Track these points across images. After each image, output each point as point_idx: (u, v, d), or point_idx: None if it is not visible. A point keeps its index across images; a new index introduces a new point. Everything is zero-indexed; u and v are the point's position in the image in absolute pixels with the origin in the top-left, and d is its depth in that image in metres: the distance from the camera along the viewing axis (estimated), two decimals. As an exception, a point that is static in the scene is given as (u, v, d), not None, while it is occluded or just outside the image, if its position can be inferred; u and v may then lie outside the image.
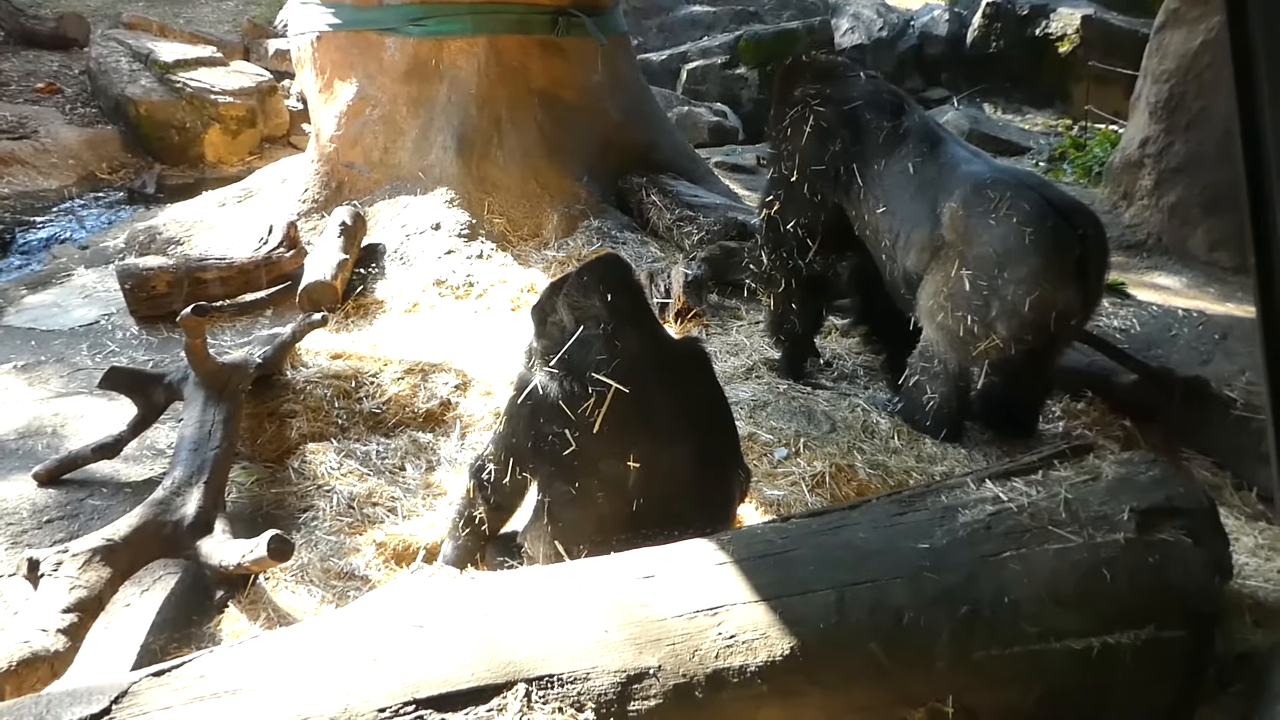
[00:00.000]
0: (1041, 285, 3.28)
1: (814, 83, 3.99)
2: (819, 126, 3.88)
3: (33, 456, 3.76)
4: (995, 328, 3.39)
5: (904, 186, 3.69)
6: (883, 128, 3.79)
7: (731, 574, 2.13)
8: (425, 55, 5.98)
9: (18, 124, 9.35)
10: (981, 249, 3.39)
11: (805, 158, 3.93)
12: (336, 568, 3.05)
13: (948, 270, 3.47)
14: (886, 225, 3.75)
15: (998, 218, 3.34)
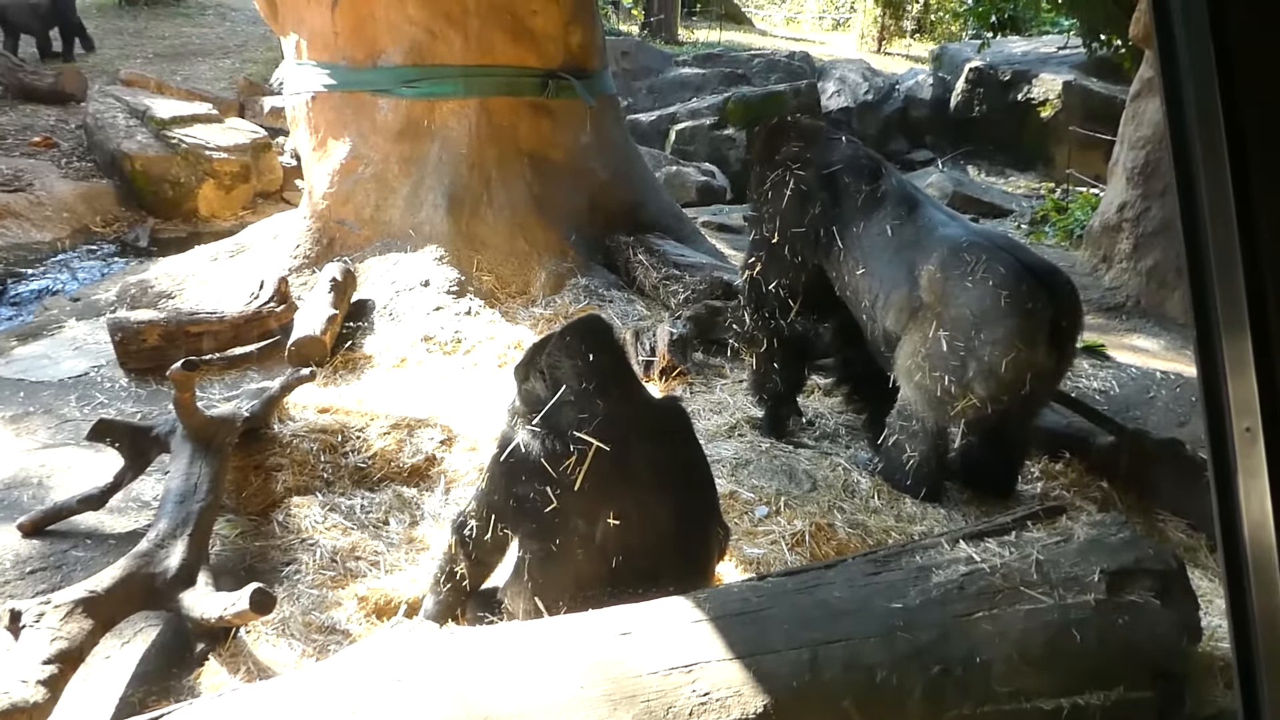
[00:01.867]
0: (1016, 347, 3.36)
1: (794, 145, 4.10)
2: (799, 190, 3.98)
3: (18, 507, 3.77)
4: (972, 388, 3.46)
5: (883, 249, 3.78)
6: (861, 191, 3.89)
7: (707, 632, 2.16)
8: (417, 116, 6.09)
9: (13, 177, 9.44)
10: (958, 310, 3.47)
11: (786, 220, 4.02)
12: (318, 621, 3.06)
13: (925, 331, 3.55)
14: (866, 286, 3.83)
15: (974, 280, 3.43)
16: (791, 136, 4.19)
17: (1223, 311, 1.18)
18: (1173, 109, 1.19)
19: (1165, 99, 1.19)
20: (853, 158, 4.02)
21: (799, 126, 4.32)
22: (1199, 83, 1.15)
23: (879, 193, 3.88)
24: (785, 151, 4.11)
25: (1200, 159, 1.16)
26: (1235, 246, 1.15)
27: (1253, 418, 1.17)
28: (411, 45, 6.05)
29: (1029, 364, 3.39)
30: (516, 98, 6.18)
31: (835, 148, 4.08)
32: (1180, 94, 1.18)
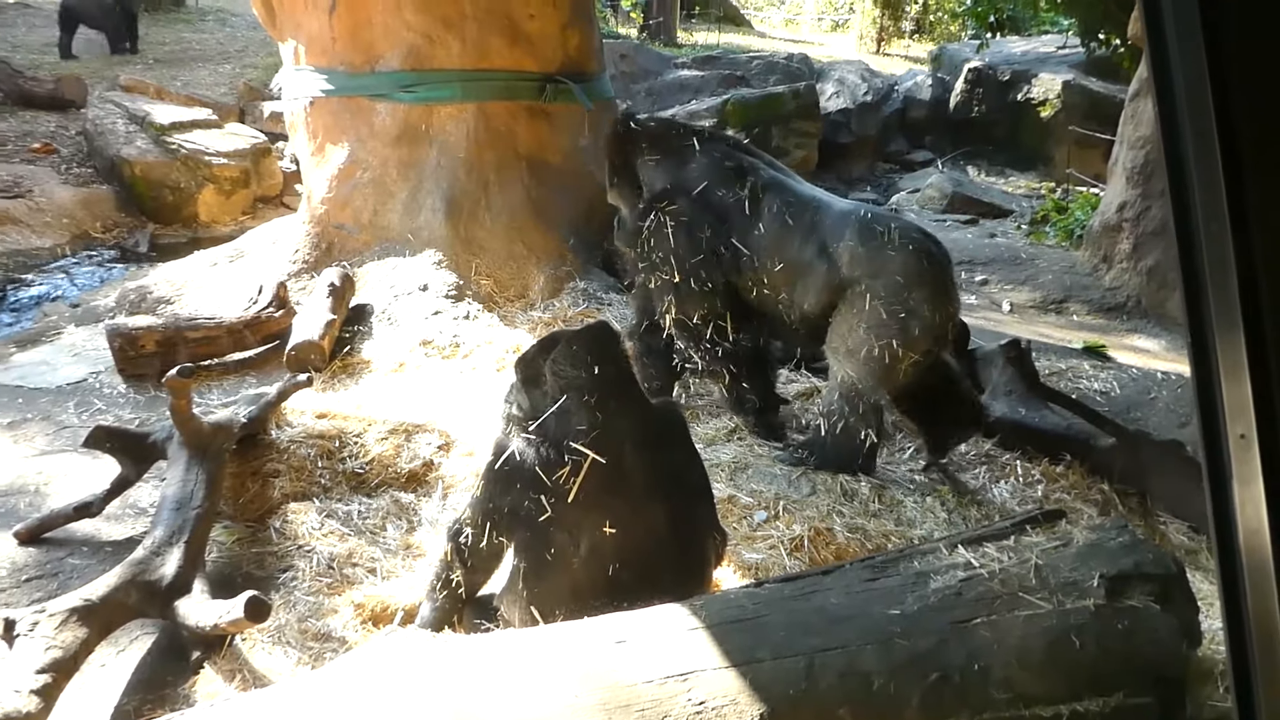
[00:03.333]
0: (940, 296, 3.76)
1: (650, 158, 4.20)
2: (681, 224, 4.07)
3: (14, 515, 3.76)
4: (916, 343, 3.74)
5: (787, 240, 3.94)
6: (741, 196, 4.03)
7: (703, 639, 2.15)
8: (415, 121, 6.08)
9: (13, 183, 9.45)
10: (888, 278, 3.73)
11: (681, 256, 4.07)
12: (314, 629, 3.05)
13: (859, 305, 3.76)
14: (782, 279, 3.97)
15: (893, 248, 3.74)
16: (642, 145, 4.25)
17: (1217, 316, 1.17)
18: (1165, 109, 1.18)
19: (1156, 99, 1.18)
20: (717, 165, 4.10)
21: (648, 130, 4.33)
22: (1190, 82, 1.14)
23: (758, 189, 4.03)
24: (645, 169, 4.21)
25: (1193, 161, 1.14)
26: (1229, 250, 1.13)
27: (1247, 423, 1.16)
28: (409, 50, 6.04)
29: (949, 309, 3.82)
30: (514, 102, 6.17)
31: (694, 157, 4.14)
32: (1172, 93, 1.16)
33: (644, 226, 4.16)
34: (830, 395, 3.98)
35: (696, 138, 4.24)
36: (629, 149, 4.27)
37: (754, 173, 4.08)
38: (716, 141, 4.27)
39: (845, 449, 3.89)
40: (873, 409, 3.87)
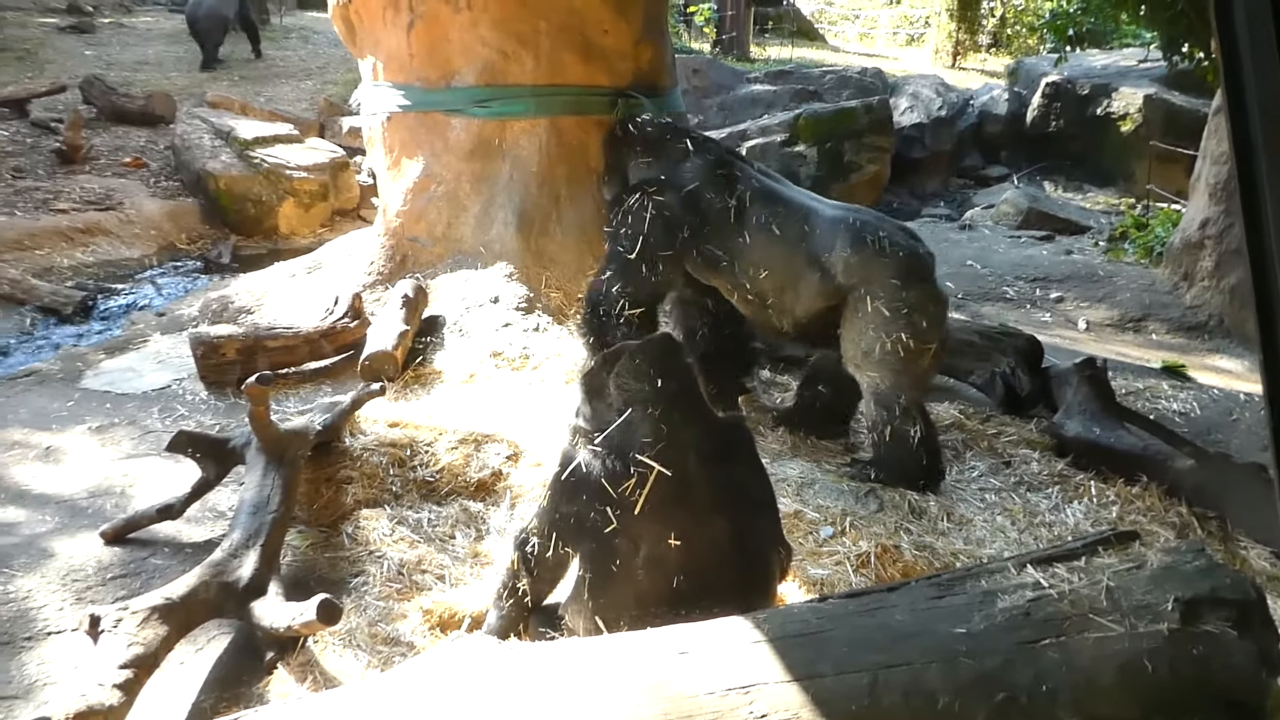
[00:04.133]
0: (934, 290, 4.03)
1: (644, 156, 4.34)
2: (659, 213, 4.20)
3: (101, 515, 3.90)
4: (927, 338, 3.94)
5: (776, 249, 4.08)
6: (727, 202, 4.14)
7: (765, 653, 2.15)
8: (489, 135, 6.18)
9: (105, 196, 9.81)
10: (885, 280, 3.92)
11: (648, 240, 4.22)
12: (383, 633, 3.11)
13: (863, 311, 3.94)
14: (771, 285, 4.11)
15: (885, 251, 3.93)
16: (637, 146, 4.40)
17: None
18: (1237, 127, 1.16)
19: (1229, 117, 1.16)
20: (708, 169, 4.21)
21: (643, 133, 4.46)
22: (1265, 100, 1.12)
23: (747, 196, 4.15)
24: (637, 169, 4.36)
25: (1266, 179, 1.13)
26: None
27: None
28: (484, 66, 6.14)
29: (943, 301, 4.09)
30: (586, 116, 6.23)
31: (686, 159, 4.27)
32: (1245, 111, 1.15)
33: (625, 203, 4.31)
34: (868, 408, 4.09)
35: (690, 141, 4.36)
36: (624, 148, 4.44)
37: (745, 180, 4.20)
38: (709, 148, 4.40)
39: (903, 454, 3.96)
40: (911, 405, 4.00)
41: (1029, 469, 4.17)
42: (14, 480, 4.17)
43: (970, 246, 8.37)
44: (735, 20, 18.30)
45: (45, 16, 17.87)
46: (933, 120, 13.14)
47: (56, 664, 3.10)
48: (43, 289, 7.84)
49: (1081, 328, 6.64)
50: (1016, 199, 10.33)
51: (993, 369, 4.81)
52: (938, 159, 13.15)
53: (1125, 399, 4.82)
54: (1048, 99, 13.26)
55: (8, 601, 3.36)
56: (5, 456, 4.38)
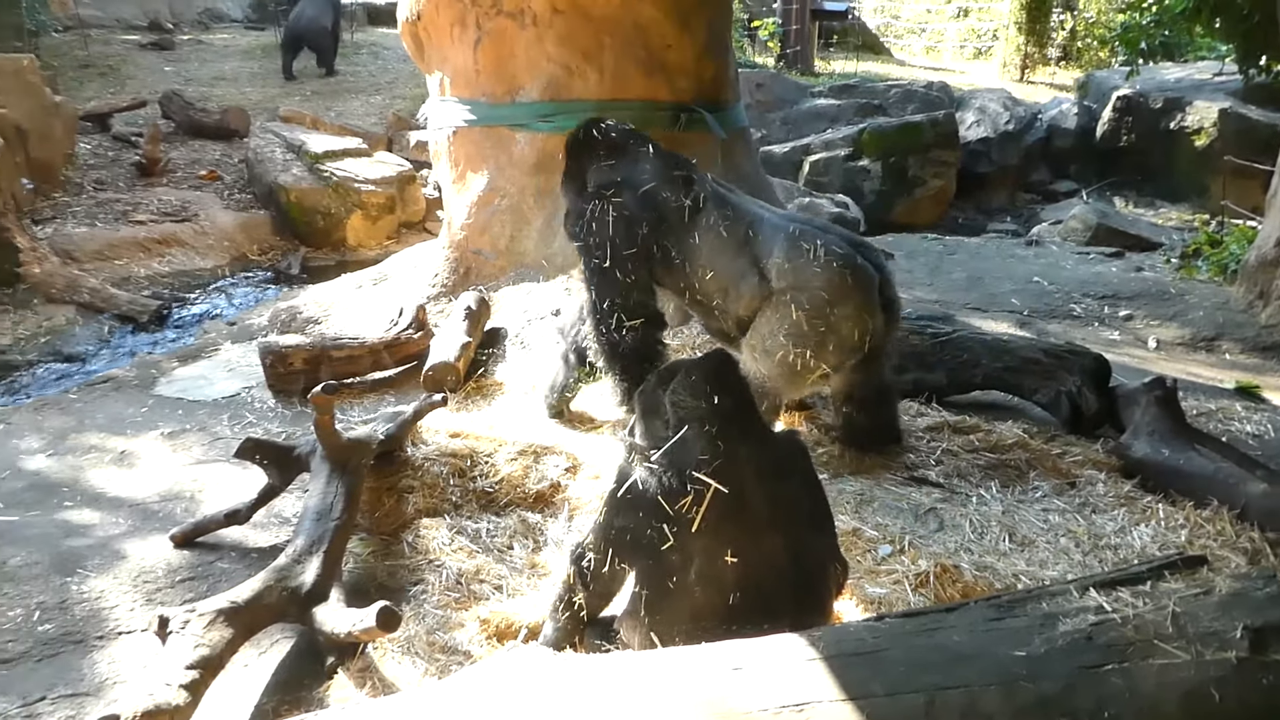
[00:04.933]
0: (861, 313, 3.99)
1: (605, 160, 4.38)
2: (621, 215, 4.26)
3: (171, 519, 4.01)
4: (829, 360, 4.04)
5: (722, 251, 4.17)
6: (684, 205, 4.23)
7: (820, 671, 2.14)
8: (552, 149, 6.23)
9: (181, 208, 10.09)
10: (815, 293, 3.97)
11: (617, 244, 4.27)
12: (441, 641, 3.14)
13: (784, 312, 4.01)
14: (716, 286, 4.20)
15: (820, 262, 3.97)
16: (599, 150, 4.43)
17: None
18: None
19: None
20: (665, 173, 4.30)
21: (605, 137, 4.48)
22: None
23: (700, 199, 4.24)
24: (597, 172, 4.40)
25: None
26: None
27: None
28: (549, 81, 6.22)
29: (869, 327, 4.02)
30: (649, 131, 6.26)
31: (644, 162, 4.34)
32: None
33: (587, 211, 4.36)
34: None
35: (650, 147, 4.44)
36: (585, 153, 4.49)
37: (700, 184, 4.29)
38: (668, 154, 4.48)
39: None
40: (773, 409, 4.20)
41: (1094, 490, 4.08)
42: (90, 483, 4.30)
43: (1037, 263, 8.24)
44: (800, 34, 18.27)
45: (128, 34, 18.45)
46: (1000, 135, 12.97)
47: (126, 663, 3.19)
48: (121, 298, 8.08)
49: (1151, 346, 6.50)
50: (1085, 215, 10.15)
51: (1058, 388, 4.73)
52: (1004, 174, 12.98)
53: (1196, 420, 4.70)
54: (1119, 113, 13.02)
55: (81, 601, 3.47)
56: (82, 460, 4.52)
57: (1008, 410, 4.89)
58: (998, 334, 5.41)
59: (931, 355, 5.05)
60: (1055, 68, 20.19)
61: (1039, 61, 20.16)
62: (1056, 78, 19.51)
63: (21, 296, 7.90)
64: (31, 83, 10.32)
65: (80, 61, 15.90)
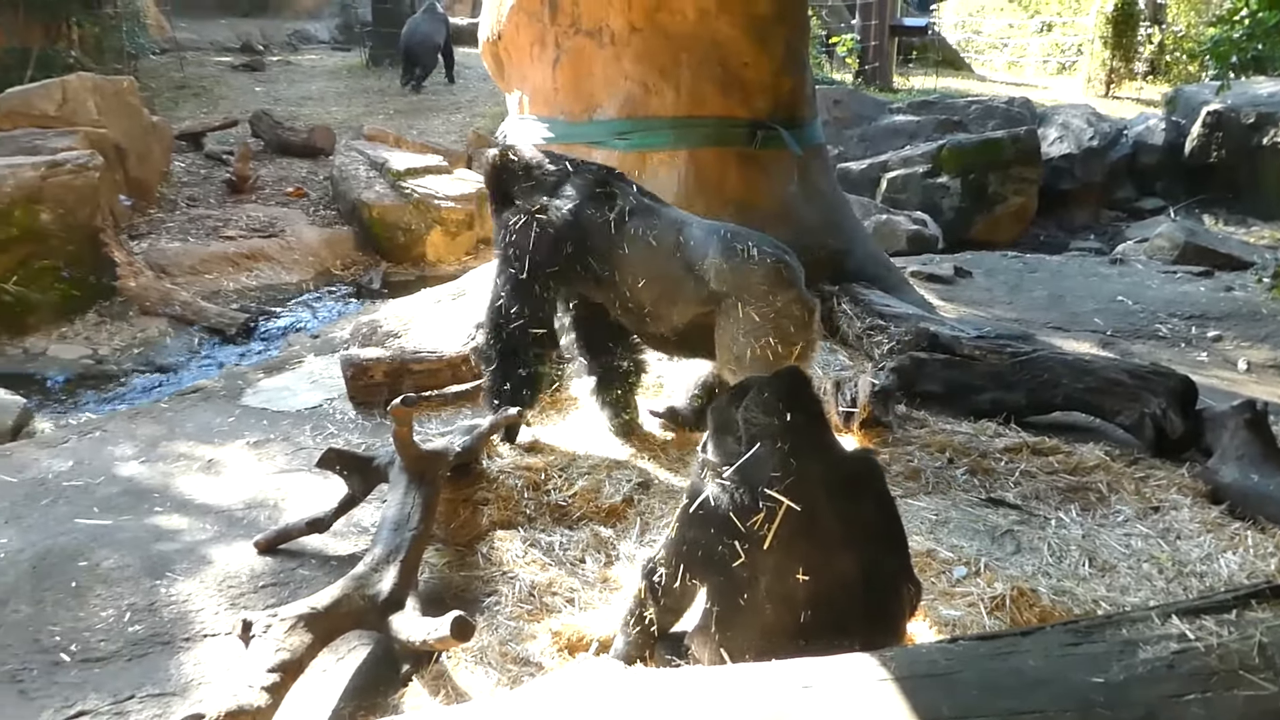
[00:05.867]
0: (802, 296, 4.21)
1: (526, 181, 4.48)
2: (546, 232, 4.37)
3: (255, 526, 4.12)
4: (794, 340, 4.18)
5: (653, 260, 4.29)
6: (609, 217, 4.34)
7: (891, 691, 2.12)
8: (629, 166, 6.27)
9: (269, 224, 10.40)
10: (757, 288, 4.13)
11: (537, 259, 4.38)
12: (513, 652, 3.18)
13: (737, 317, 4.15)
14: (649, 294, 4.33)
15: (756, 260, 4.16)
16: (519, 172, 4.53)
17: None
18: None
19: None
20: (589, 189, 4.41)
21: (523, 160, 4.58)
22: None
23: (625, 211, 4.35)
24: (522, 194, 4.48)
25: None
26: None
27: None
28: (626, 99, 6.28)
29: (814, 307, 4.28)
30: (725, 148, 6.29)
31: (567, 181, 4.44)
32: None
33: (511, 224, 4.46)
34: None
35: (569, 164, 4.55)
36: (506, 177, 4.57)
37: (624, 196, 4.40)
38: (590, 168, 4.57)
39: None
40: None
41: (1179, 516, 3.98)
42: (179, 490, 4.45)
43: (1121, 281, 8.06)
44: (878, 50, 18.14)
45: (221, 56, 19.12)
46: (1083, 151, 12.70)
47: (210, 665, 3.28)
48: (210, 311, 8.34)
49: (1241, 369, 6.30)
50: (1172, 232, 9.89)
51: (1142, 410, 4.62)
52: (1088, 191, 12.70)
53: (1288, 445, 4.55)
54: (1209, 128, 12.68)
55: (169, 604, 3.59)
56: (172, 467, 4.68)
57: (1089, 432, 4.80)
58: (1079, 354, 5.31)
59: (1010, 375, 4.99)
60: (1142, 82, 19.72)
61: (1125, 76, 19.71)
62: (1143, 93, 19.06)
63: (118, 309, 8.21)
64: (131, 104, 10.73)
65: (176, 83, 16.49)
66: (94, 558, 3.82)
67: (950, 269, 8.02)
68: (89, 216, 8.22)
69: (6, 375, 7.02)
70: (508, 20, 6.66)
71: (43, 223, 7.91)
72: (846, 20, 19.85)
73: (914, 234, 9.96)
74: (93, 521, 4.09)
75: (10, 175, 7.82)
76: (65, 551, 3.84)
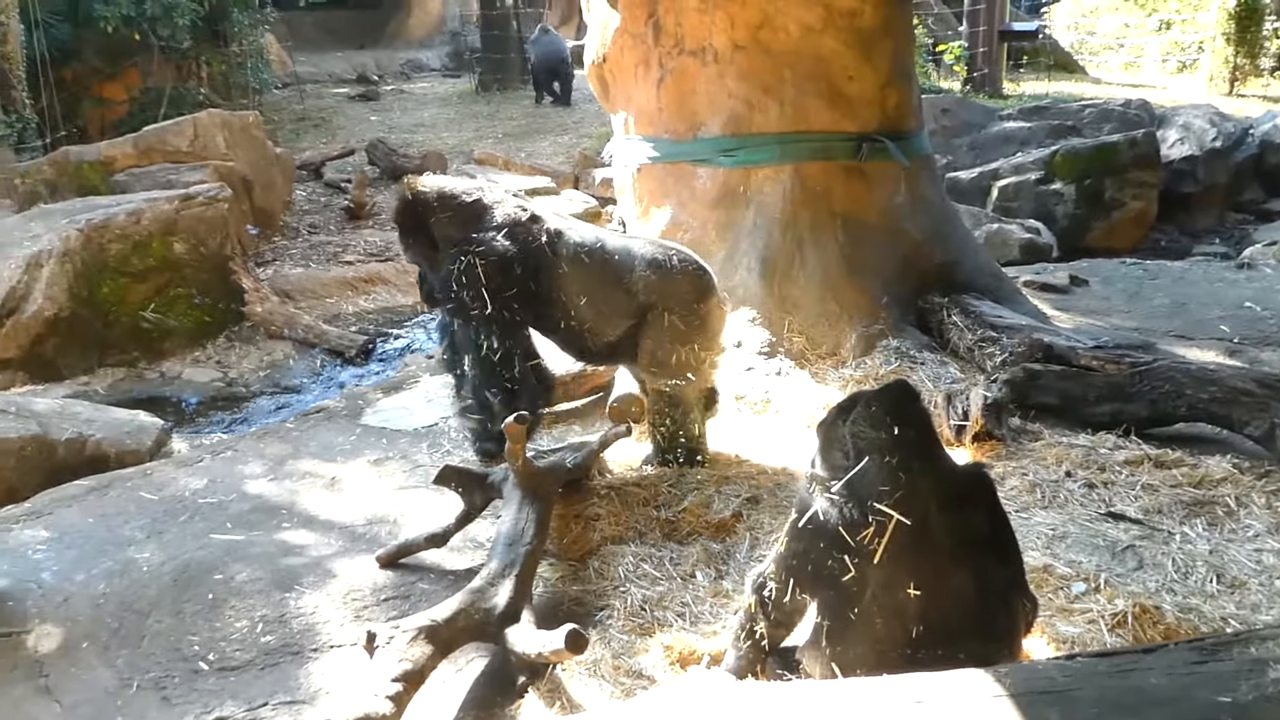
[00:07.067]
0: (720, 305, 4.62)
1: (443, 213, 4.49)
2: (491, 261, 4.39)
3: (376, 541, 4.27)
4: (715, 346, 4.59)
5: (585, 280, 4.49)
6: (539, 239, 4.48)
7: (1007, 708, 2.10)
8: (734, 183, 6.33)
9: (385, 248, 10.73)
10: (680, 298, 4.46)
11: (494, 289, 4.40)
12: (626, 665, 3.24)
13: (663, 325, 4.44)
14: (590, 311, 4.52)
15: (679, 271, 4.49)
16: (433, 204, 4.50)
17: None
18: None
19: None
20: (510, 213, 4.50)
21: (435, 193, 4.55)
22: None
23: (553, 232, 4.51)
24: (441, 226, 4.49)
25: None
26: None
27: None
28: (730, 116, 6.32)
29: (727, 314, 4.73)
30: (830, 161, 6.27)
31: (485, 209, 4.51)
32: None
33: (453, 269, 4.42)
34: (656, 406, 4.64)
35: (480, 191, 4.59)
36: (421, 211, 4.55)
37: (546, 218, 4.56)
38: (504, 196, 4.64)
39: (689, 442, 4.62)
40: (695, 403, 4.64)
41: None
42: (304, 507, 4.64)
43: (1249, 287, 7.73)
44: (987, 56, 17.78)
45: (338, 87, 19.85)
46: (1206, 152, 12.20)
47: (336, 674, 3.42)
48: (331, 333, 8.66)
49: (1382, 376, 5.98)
50: (1306, 235, 9.44)
51: (1272, 420, 4.44)
52: (1211, 193, 12.19)
53: None
54: (1345, 124, 12.08)
55: (298, 615, 3.75)
56: (298, 485, 4.88)
57: (1215, 444, 4.63)
58: (1204, 363, 5.12)
59: (1130, 385, 4.85)
60: (1269, 79, 18.87)
61: (1250, 73, 18.87)
62: (1270, 89, 18.23)
63: (246, 333, 8.59)
64: (256, 137, 11.24)
65: (297, 115, 17.19)
66: (228, 571, 4.02)
67: (1065, 278, 7.81)
68: (219, 246, 8.62)
69: (146, 399, 7.42)
70: (613, 43, 6.78)
71: (177, 253, 8.33)
72: (954, 27, 19.50)
73: (1027, 243, 9.72)
74: (226, 537, 4.30)
75: (149, 209, 8.26)
76: (202, 565, 4.05)
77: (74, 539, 4.28)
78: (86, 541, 4.26)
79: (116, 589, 3.90)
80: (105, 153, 10.24)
